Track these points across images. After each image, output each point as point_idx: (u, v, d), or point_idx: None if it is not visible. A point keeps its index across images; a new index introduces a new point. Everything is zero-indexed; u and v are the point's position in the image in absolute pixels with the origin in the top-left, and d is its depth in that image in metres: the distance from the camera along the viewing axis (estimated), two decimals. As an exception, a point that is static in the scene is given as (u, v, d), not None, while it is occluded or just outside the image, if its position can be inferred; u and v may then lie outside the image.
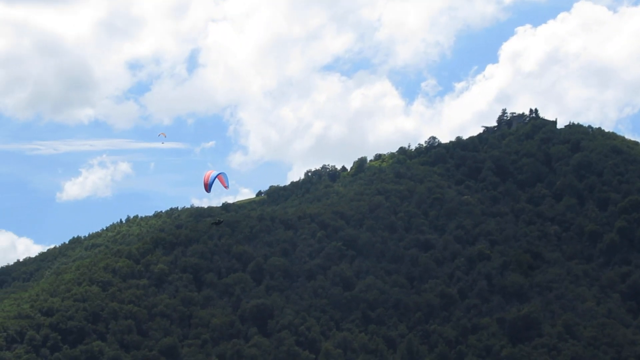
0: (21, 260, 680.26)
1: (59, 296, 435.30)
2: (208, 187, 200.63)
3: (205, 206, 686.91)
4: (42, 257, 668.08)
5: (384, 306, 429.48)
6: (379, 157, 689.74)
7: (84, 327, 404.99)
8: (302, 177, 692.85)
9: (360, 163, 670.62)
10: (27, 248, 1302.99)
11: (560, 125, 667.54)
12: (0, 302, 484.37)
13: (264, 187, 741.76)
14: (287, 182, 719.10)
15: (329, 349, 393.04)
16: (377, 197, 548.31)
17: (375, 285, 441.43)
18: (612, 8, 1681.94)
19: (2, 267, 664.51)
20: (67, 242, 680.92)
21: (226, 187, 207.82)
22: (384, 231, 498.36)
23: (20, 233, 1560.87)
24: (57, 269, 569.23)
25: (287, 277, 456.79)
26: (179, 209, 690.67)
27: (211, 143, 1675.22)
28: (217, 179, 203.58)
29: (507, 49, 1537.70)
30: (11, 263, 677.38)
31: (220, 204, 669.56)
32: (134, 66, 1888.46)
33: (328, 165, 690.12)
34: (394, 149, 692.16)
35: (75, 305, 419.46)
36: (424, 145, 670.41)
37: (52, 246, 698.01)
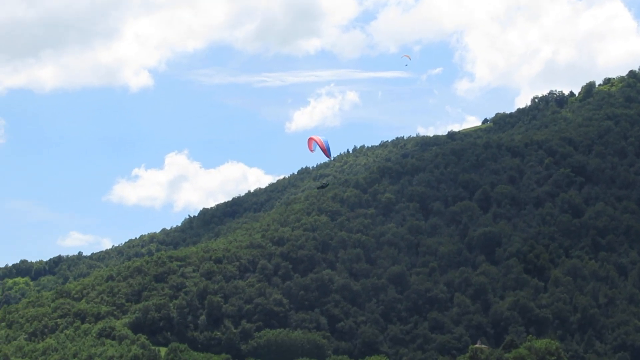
0: (252, 191, 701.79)
1: (289, 226, 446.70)
2: (328, 152, 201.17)
3: (431, 135, 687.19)
4: (272, 187, 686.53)
5: (614, 233, 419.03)
6: (608, 81, 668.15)
7: (314, 255, 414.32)
8: (529, 103, 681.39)
9: (589, 88, 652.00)
10: (257, 179, 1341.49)
11: None
12: (233, 232, 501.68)
13: (490, 114, 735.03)
14: (514, 109, 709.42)
15: (558, 277, 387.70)
16: (607, 122, 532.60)
17: (605, 212, 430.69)
18: None
19: (233, 198, 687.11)
20: (295, 173, 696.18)
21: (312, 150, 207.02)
22: (613, 157, 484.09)
23: (250, 164, 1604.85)
24: (287, 199, 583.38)
25: (515, 205, 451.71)
26: (405, 138, 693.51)
27: (438, 70, 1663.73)
28: (316, 144, 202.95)
29: None
30: (242, 194, 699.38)
31: (446, 133, 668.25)
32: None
33: (555, 90, 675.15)
34: (624, 73, 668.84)
35: (305, 235, 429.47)
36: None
37: (281, 177, 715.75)
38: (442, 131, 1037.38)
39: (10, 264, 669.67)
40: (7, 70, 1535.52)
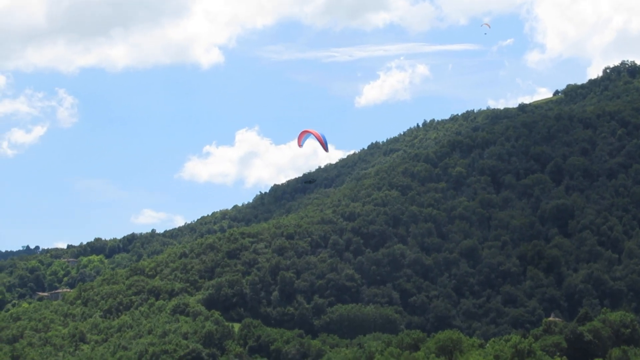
0: (322, 166, 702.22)
1: (359, 201, 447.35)
2: (325, 146, 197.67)
3: (502, 107, 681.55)
4: (342, 163, 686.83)
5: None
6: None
7: (385, 230, 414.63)
8: (601, 74, 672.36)
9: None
10: (327, 154, 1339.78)
11: None
12: (304, 207, 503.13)
13: (561, 86, 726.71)
14: (586, 80, 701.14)
15: (633, 248, 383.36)
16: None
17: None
18: None
19: (304, 174, 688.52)
20: (365, 148, 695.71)
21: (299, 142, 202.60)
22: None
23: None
24: (357, 174, 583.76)
25: (587, 177, 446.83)
26: (475, 111, 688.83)
27: (508, 41, 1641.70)
28: (307, 138, 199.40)
29: None
30: (313, 169, 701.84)
31: (517, 105, 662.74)
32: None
33: (627, 61, 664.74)
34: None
35: (376, 210, 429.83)
36: None
37: (351, 152, 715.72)
38: (513, 104, 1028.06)
39: (84, 242, 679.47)
40: (78, 50, 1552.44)
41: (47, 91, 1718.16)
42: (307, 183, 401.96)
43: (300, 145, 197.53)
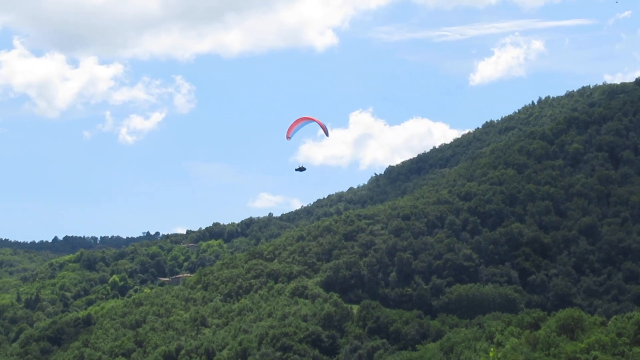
0: (437, 146, 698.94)
1: (475, 180, 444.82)
2: (326, 130, 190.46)
3: (618, 82, 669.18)
4: (456, 142, 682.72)
5: None
6: None
7: (502, 209, 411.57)
8: None
9: None
10: (442, 133, 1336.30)
11: None
12: (420, 188, 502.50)
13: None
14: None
15: None
16: None
17: None
18: None
19: (419, 155, 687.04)
20: (480, 127, 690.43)
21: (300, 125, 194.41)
22: None
23: (435, 119, 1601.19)
24: (473, 153, 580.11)
25: None
26: (591, 86, 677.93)
27: (626, 13, 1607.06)
28: (299, 126, 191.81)
29: None
30: (427, 150, 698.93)
31: (634, 79, 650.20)
32: None
33: None
34: None
35: (492, 189, 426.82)
36: None
37: (466, 131, 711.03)
38: (630, 78, 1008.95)
39: (203, 227, 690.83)
40: (193, 36, 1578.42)
41: (164, 78, 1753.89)
42: (298, 170, 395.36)
43: (288, 137, 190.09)
